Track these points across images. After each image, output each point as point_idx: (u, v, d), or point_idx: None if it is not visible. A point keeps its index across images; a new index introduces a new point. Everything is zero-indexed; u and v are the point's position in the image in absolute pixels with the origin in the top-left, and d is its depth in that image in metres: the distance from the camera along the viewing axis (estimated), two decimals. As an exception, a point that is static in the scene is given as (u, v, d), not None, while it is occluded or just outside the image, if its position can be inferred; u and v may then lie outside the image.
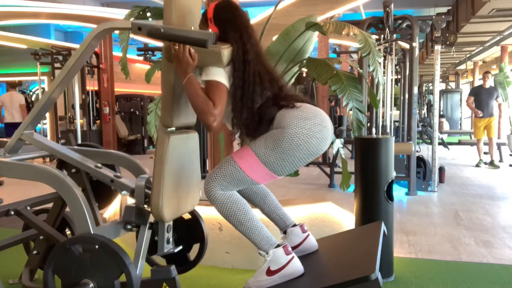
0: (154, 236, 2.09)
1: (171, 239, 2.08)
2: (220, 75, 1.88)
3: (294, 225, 2.16)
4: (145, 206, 2.00)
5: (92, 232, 1.80)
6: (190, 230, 2.33)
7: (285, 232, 2.16)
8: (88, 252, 1.72)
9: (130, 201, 2.12)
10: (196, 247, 2.37)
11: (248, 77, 1.90)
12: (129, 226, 2.01)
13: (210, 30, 1.98)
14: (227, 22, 1.95)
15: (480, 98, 7.85)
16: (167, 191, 1.90)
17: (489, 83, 7.91)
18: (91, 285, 1.70)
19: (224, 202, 1.90)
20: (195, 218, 2.35)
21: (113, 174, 2.15)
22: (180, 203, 2.03)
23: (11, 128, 8.23)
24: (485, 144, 7.99)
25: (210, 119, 1.82)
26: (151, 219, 2.01)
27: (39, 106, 2.14)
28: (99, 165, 2.19)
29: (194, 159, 2.14)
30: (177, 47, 1.81)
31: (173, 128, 1.98)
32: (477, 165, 7.93)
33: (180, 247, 2.16)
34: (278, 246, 1.91)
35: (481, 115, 7.76)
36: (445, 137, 11.68)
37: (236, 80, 1.90)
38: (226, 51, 1.88)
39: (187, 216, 2.33)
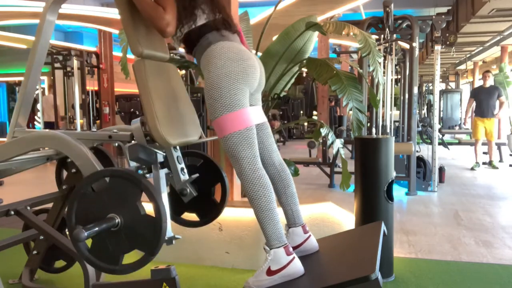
0: (175, 195, 2.06)
1: (185, 170, 2.04)
2: None
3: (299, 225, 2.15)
4: (149, 145, 1.95)
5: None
6: (207, 173, 2.27)
7: (287, 230, 2.15)
8: (103, 188, 1.69)
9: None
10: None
11: None
12: (140, 171, 1.94)
13: None
14: None
15: (480, 98, 7.67)
16: (160, 113, 1.86)
17: (489, 82, 7.74)
18: (117, 220, 1.65)
19: (254, 182, 1.89)
20: (207, 159, 2.30)
21: (110, 132, 2.11)
22: (178, 127, 1.98)
23: (48, 127, 9.41)
24: (483, 144, 7.81)
25: (163, 23, 1.85)
26: (160, 158, 1.98)
27: (20, 100, 2.13)
28: (94, 130, 2.17)
29: (180, 88, 2.12)
30: None
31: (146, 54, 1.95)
32: (472, 168, 7.71)
33: (197, 175, 2.09)
34: (280, 246, 1.90)
35: (466, 125, 7.69)
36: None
37: None
38: None
39: (199, 161, 2.29)
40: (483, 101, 7.64)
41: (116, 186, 1.68)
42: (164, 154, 2.02)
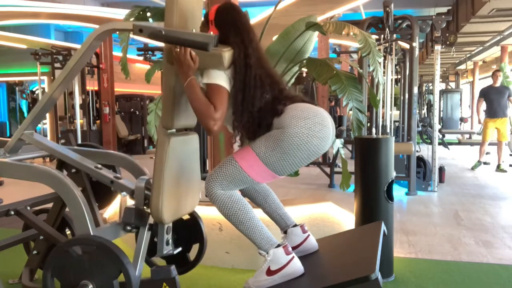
0: (153, 238, 2.09)
1: (170, 241, 2.08)
2: (221, 78, 1.88)
3: (295, 225, 2.16)
4: (145, 207, 2.00)
5: (91, 234, 1.80)
6: (189, 230, 2.33)
7: (285, 232, 2.16)
8: (86, 253, 1.72)
9: (130, 201, 2.12)
10: (195, 248, 2.37)
11: (249, 81, 1.89)
12: (128, 228, 2.01)
13: (211, 32, 1.97)
14: (229, 25, 1.94)
15: (491, 98, 7.37)
16: (167, 193, 1.90)
17: (500, 81, 7.47)
18: (90, 286, 1.70)
19: (225, 201, 1.90)
20: (194, 218, 2.35)
21: (113, 175, 2.15)
22: (179, 205, 2.02)
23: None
24: (489, 144, 7.58)
25: (210, 123, 1.82)
26: (151, 220, 2.01)
27: (39, 106, 2.14)
28: (99, 166, 2.18)
29: (194, 160, 2.14)
30: (178, 50, 1.81)
31: (173, 130, 1.98)
32: (473, 168, 7.57)
33: (180, 249, 2.16)
34: (278, 246, 1.91)
35: (480, 125, 7.41)
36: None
37: (237, 83, 1.89)
38: (227, 54, 1.87)
39: (186, 216, 2.33)
40: (494, 101, 7.37)
41: (100, 257, 1.71)
42: None
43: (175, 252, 2.12)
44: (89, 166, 2.17)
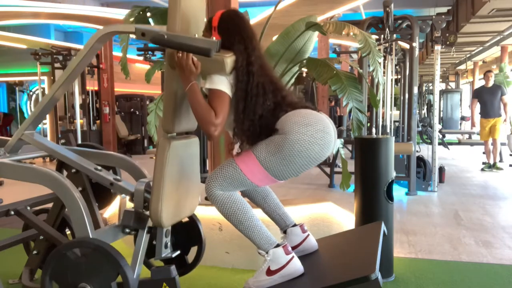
0: (152, 240, 2.09)
1: (169, 244, 2.08)
2: (223, 84, 1.87)
3: (294, 225, 2.16)
4: (144, 210, 2.00)
5: (90, 236, 1.80)
6: (188, 233, 2.33)
7: (285, 232, 2.16)
8: (84, 256, 1.73)
9: (130, 204, 2.12)
10: (194, 250, 2.37)
11: (251, 89, 1.89)
12: (127, 230, 2.01)
13: (213, 38, 1.96)
14: (232, 32, 1.94)
15: (484, 99, 7.45)
16: (167, 197, 1.89)
17: (492, 82, 7.51)
18: None
19: (224, 201, 1.91)
20: (193, 221, 2.35)
21: (113, 177, 2.15)
22: (179, 208, 2.02)
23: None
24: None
25: (211, 129, 1.82)
26: (150, 223, 2.01)
27: (40, 107, 2.14)
28: (99, 167, 2.18)
29: (194, 163, 2.14)
30: (180, 55, 1.81)
31: (174, 134, 1.98)
32: (483, 170, 7.52)
33: (178, 252, 2.15)
34: (278, 246, 1.91)
35: (474, 128, 7.46)
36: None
37: (238, 91, 1.89)
38: (229, 60, 1.87)
39: (185, 219, 2.33)
40: (487, 101, 7.44)
41: (98, 260, 1.71)
42: None
43: (174, 255, 2.11)
44: (89, 167, 2.17)
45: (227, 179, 1.91)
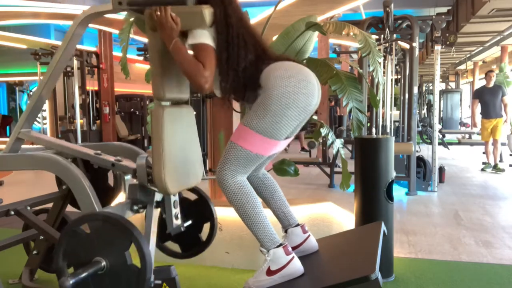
0: (163, 221, 2.08)
1: (179, 215, 2.06)
2: (206, 37, 1.87)
3: (296, 225, 2.16)
4: (149, 184, 1.98)
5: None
6: (198, 210, 2.31)
7: (286, 231, 2.16)
8: (94, 229, 1.70)
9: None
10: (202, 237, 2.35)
11: (232, 40, 1.89)
12: (135, 207, 1.98)
13: None
14: None
15: (485, 99, 7.41)
16: (168, 163, 1.88)
17: (493, 82, 7.46)
18: (103, 262, 1.67)
19: (235, 192, 1.90)
20: (202, 197, 2.33)
21: (114, 158, 2.13)
22: (182, 176, 2.00)
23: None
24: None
25: (201, 81, 1.82)
26: (157, 197, 2.00)
27: (32, 103, 2.14)
28: (99, 151, 2.18)
29: (192, 133, 2.13)
30: (158, 13, 1.81)
31: (168, 103, 1.97)
32: (483, 170, 7.49)
33: (190, 222, 2.12)
34: (279, 246, 1.90)
35: (476, 128, 7.41)
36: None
37: (220, 43, 1.89)
38: (207, 11, 1.87)
39: (194, 197, 2.33)
40: (488, 102, 7.40)
41: (108, 231, 1.69)
42: (162, 195, 2.04)
43: (185, 226, 2.08)
44: (89, 153, 2.16)
45: (233, 161, 1.90)
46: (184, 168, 2.03)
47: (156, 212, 2.04)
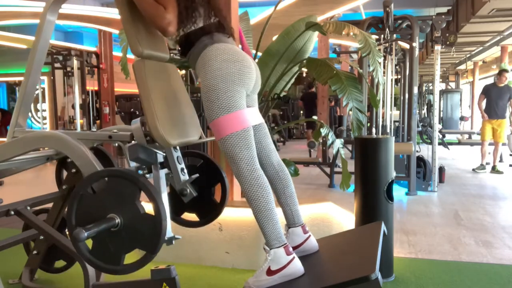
0: (175, 195, 2.06)
1: (185, 170, 2.05)
2: None
3: (298, 226, 2.15)
4: (149, 146, 1.95)
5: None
6: (206, 173, 2.28)
7: (287, 231, 2.16)
8: (101, 188, 1.69)
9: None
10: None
11: None
12: (140, 171, 1.94)
13: None
14: None
15: (492, 97, 7.30)
16: (160, 113, 1.87)
17: (505, 83, 7.33)
18: (117, 220, 1.65)
19: (252, 183, 1.90)
20: (208, 160, 2.31)
21: (111, 131, 2.11)
22: (179, 128, 1.99)
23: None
24: (489, 144, 7.47)
25: (164, 22, 1.84)
26: (160, 158, 1.99)
27: (20, 100, 2.14)
28: (94, 130, 2.17)
29: (180, 88, 2.13)
30: None
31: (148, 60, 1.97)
32: (474, 170, 7.45)
33: (197, 175, 2.09)
34: (280, 246, 1.90)
35: (486, 118, 7.22)
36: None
37: None
38: None
39: (199, 161, 2.31)
40: (494, 101, 7.29)
41: (115, 186, 1.68)
42: (164, 154, 2.02)
43: (194, 177, 2.05)
44: (86, 132, 2.16)
45: (236, 151, 1.91)
46: (179, 120, 2.02)
47: (162, 173, 2.01)
